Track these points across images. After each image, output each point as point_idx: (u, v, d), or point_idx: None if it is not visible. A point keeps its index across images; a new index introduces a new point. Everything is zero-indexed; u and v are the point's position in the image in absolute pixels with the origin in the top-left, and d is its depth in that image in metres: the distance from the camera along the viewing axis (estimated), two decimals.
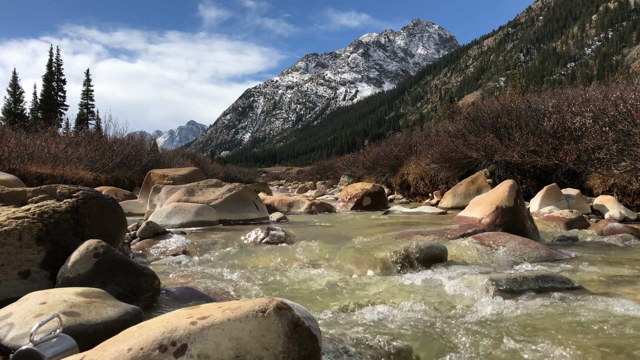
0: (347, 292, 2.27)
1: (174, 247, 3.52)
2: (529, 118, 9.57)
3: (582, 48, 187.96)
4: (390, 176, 15.76)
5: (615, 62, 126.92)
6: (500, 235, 3.44)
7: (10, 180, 5.86)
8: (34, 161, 9.71)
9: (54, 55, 36.76)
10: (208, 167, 26.47)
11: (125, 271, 2.01)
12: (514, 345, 1.51)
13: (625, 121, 6.37)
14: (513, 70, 49.66)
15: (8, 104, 32.59)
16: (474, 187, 7.97)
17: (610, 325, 1.71)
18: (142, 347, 1.03)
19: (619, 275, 2.66)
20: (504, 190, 4.26)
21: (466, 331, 1.65)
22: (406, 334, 1.63)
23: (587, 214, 6.19)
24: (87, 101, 37.31)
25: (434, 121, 33.66)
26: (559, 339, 1.57)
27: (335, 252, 3.15)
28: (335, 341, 1.46)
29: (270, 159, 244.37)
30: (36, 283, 2.02)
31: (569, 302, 2.03)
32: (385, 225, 5.26)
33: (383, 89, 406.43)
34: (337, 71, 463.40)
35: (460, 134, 11.01)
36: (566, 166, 7.51)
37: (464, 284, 2.31)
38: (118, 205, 2.59)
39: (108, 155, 13.28)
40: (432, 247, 2.98)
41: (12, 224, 2.06)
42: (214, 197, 5.65)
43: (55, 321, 1.30)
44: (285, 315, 1.14)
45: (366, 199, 8.58)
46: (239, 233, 4.31)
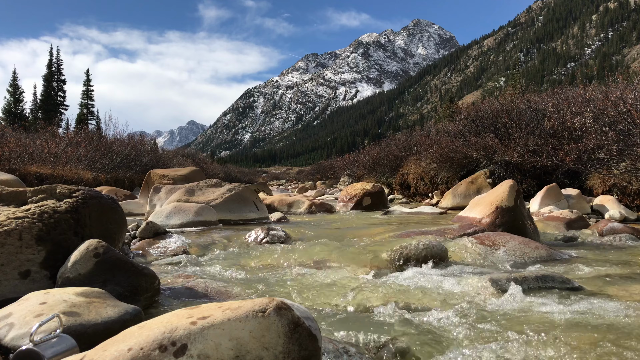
0: (347, 291, 2.27)
1: (174, 247, 3.52)
2: (529, 118, 9.56)
3: (582, 48, 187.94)
4: (390, 176, 15.75)
5: (615, 62, 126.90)
6: (500, 235, 3.44)
7: (10, 180, 5.86)
8: (34, 161, 9.71)
9: (54, 55, 36.77)
10: (208, 167, 26.45)
11: (125, 271, 2.01)
12: (514, 344, 1.51)
13: (625, 121, 6.37)
14: (513, 70, 49.66)
15: (8, 104, 32.59)
16: (474, 187, 7.97)
17: (610, 325, 1.71)
18: (142, 347, 1.03)
19: (619, 275, 2.66)
20: (504, 190, 4.26)
21: (466, 331, 1.65)
22: (406, 334, 1.63)
23: (587, 214, 6.19)
24: (87, 101, 37.30)
25: (434, 121, 33.64)
26: (559, 339, 1.56)
27: (336, 252, 3.15)
28: (335, 341, 1.46)
29: (270, 159, 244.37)
30: (36, 283, 2.02)
31: (569, 302, 2.03)
32: (385, 225, 5.26)
33: (383, 89, 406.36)
34: (337, 71, 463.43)
35: (460, 134, 11.01)
36: (566, 166, 7.51)
37: (464, 284, 2.31)
38: (118, 205, 2.59)
39: (108, 155, 13.28)
40: (432, 247, 2.98)
41: (12, 224, 2.06)
42: (214, 197, 5.64)
43: (55, 321, 1.30)
44: (285, 315, 1.14)
45: (366, 199, 8.58)
46: (239, 233, 4.31)
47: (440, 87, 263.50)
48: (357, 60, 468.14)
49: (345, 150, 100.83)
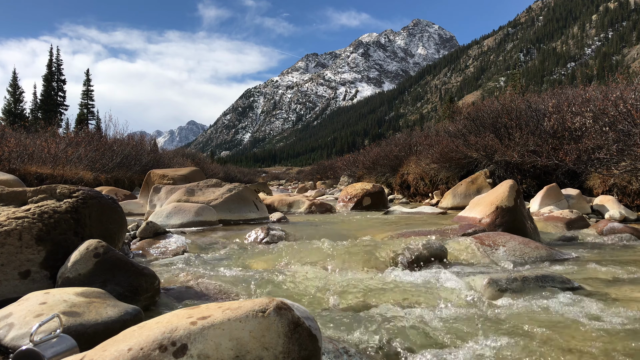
0: (347, 291, 2.27)
1: (174, 247, 3.52)
2: (529, 118, 9.56)
3: (582, 48, 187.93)
4: (390, 176, 15.75)
5: (615, 62, 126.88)
6: (500, 235, 3.44)
7: (10, 180, 5.86)
8: (34, 161, 9.71)
9: (54, 55, 36.80)
10: (208, 167, 26.45)
11: (125, 271, 2.01)
12: (513, 344, 1.51)
13: (625, 121, 6.37)
14: (513, 70, 49.67)
15: (8, 104, 32.60)
16: (474, 187, 7.97)
17: (610, 326, 1.71)
18: (142, 347, 1.03)
19: (619, 275, 2.66)
20: (504, 190, 4.26)
21: (466, 331, 1.65)
22: (406, 334, 1.63)
23: (587, 214, 6.19)
24: (87, 101, 37.31)
25: (434, 121, 33.68)
26: (559, 339, 1.56)
27: (335, 252, 3.15)
28: (335, 341, 1.46)
29: (270, 159, 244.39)
30: (36, 283, 2.02)
31: (569, 302, 2.03)
32: (385, 225, 5.25)
33: (383, 89, 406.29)
34: (337, 71, 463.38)
35: (460, 134, 11.01)
36: (566, 166, 7.51)
37: (464, 284, 2.31)
38: (118, 205, 2.59)
39: (108, 155, 13.28)
40: (432, 246, 2.98)
41: (12, 224, 2.06)
42: (214, 197, 5.64)
43: (56, 321, 1.30)
44: (285, 315, 1.14)
45: (366, 199, 8.58)
46: (239, 233, 4.31)
47: (440, 87, 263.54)
48: (357, 60, 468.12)
49: (345, 150, 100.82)
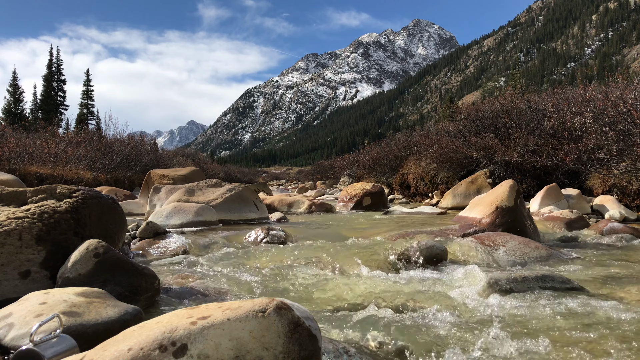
0: (347, 291, 2.27)
1: (174, 247, 3.52)
2: (529, 118, 9.56)
3: (582, 48, 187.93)
4: (390, 176, 15.75)
5: (615, 62, 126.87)
6: (500, 235, 3.44)
7: (10, 180, 5.86)
8: (34, 161, 9.71)
9: (54, 55, 36.78)
10: (208, 167, 26.45)
11: (125, 271, 2.01)
12: (513, 344, 1.51)
13: (625, 121, 6.37)
14: (513, 70, 49.68)
15: (8, 104, 32.60)
16: (474, 187, 7.97)
17: (610, 326, 1.71)
18: (142, 347, 1.03)
19: (619, 275, 2.66)
20: (504, 190, 4.26)
21: (466, 330, 1.65)
22: (406, 334, 1.63)
23: (587, 214, 6.19)
24: (87, 101, 37.30)
25: (434, 121, 33.70)
26: (558, 339, 1.57)
27: (335, 252, 3.15)
28: (335, 341, 1.46)
29: (270, 159, 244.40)
30: (36, 283, 2.02)
31: (569, 302, 2.03)
32: (385, 225, 5.25)
33: (383, 89, 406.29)
34: (337, 71, 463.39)
35: (460, 134, 11.00)
36: (566, 166, 7.51)
37: (464, 284, 2.31)
38: (118, 205, 2.59)
39: (108, 155, 13.28)
40: (432, 247, 2.98)
41: (12, 224, 2.06)
42: (214, 197, 5.64)
43: (55, 321, 1.30)
44: (285, 315, 1.14)
45: (366, 199, 8.58)
46: (239, 233, 4.31)
47: (440, 87, 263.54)
48: (357, 60, 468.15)
49: (345, 150, 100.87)
